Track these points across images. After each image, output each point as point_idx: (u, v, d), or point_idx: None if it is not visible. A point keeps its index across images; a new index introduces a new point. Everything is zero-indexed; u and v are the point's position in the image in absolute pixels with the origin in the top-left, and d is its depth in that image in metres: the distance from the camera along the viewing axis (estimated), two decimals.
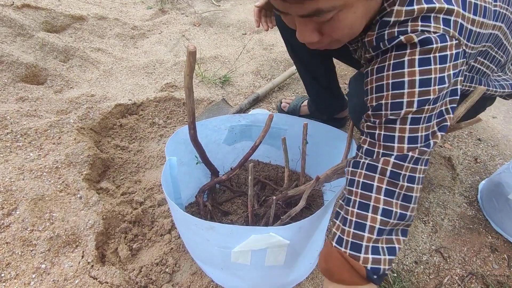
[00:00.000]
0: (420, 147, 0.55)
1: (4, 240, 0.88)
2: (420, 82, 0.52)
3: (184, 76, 0.70)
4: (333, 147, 0.94)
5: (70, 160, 1.10)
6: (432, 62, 0.52)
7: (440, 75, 0.52)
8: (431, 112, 0.55)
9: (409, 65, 0.52)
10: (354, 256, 0.56)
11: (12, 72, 1.47)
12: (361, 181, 0.58)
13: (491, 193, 1.08)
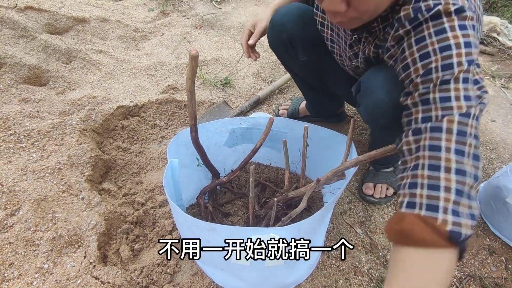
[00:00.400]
0: (477, 105, 0.55)
1: (7, 240, 0.89)
2: (464, 44, 0.56)
3: (186, 80, 0.71)
4: (333, 150, 0.96)
5: (73, 161, 1.11)
6: (468, 28, 0.57)
7: (474, 41, 0.57)
8: (474, 75, 0.58)
9: (451, 30, 0.57)
10: (430, 218, 0.50)
11: (15, 74, 1.49)
12: (427, 144, 0.55)
13: (489, 196, 1.09)
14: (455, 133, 0.53)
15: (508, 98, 1.65)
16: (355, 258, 1.00)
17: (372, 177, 1.17)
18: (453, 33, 0.57)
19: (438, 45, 0.58)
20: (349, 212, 1.13)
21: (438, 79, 0.57)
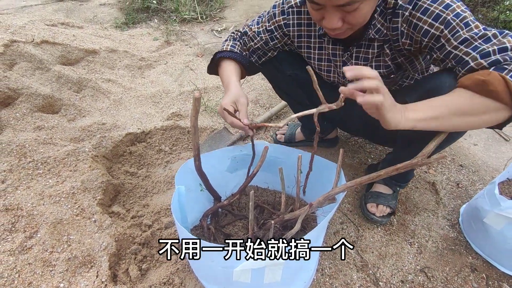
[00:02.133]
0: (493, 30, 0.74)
1: (27, 261, 0.97)
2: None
3: (190, 117, 0.82)
4: (324, 176, 1.05)
5: (85, 186, 1.20)
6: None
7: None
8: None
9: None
10: (511, 80, 0.66)
11: (31, 103, 1.60)
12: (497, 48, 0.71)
13: (469, 217, 1.18)
14: (495, 33, 0.72)
15: None
16: (347, 276, 1.08)
17: (375, 198, 1.25)
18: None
19: (440, 6, 0.76)
20: (342, 232, 1.21)
21: (458, 25, 0.74)
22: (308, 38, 1.05)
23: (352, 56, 0.99)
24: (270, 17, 1.06)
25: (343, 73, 1.05)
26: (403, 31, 0.85)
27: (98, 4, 3.32)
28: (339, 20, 0.77)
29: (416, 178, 1.44)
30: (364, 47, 0.95)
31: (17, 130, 1.49)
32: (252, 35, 1.10)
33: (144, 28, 2.82)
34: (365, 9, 0.76)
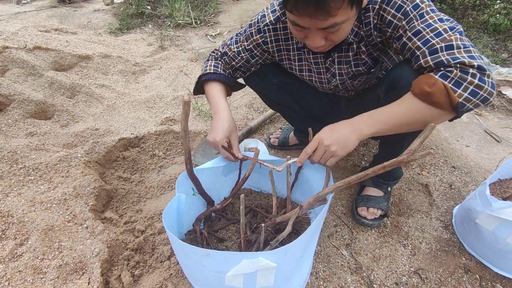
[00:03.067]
0: (450, 22, 0.80)
1: (17, 268, 0.96)
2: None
3: (181, 121, 0.82)
4: (314, 178, 1.06)
5: (78, 192, 1.19)
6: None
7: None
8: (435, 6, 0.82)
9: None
10: (453, 89, 0.73)
11: (23, 109, 1.59)
12: (444, 45, 0.76)
13: (462, 218, 1.19)
14: (451, 34, 0.76)
15: (481, 125, 1.79)
16: (341, 279, 1.07)
17: (366, 202, 1.25)
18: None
19: (400, 1, 0.80)
20: (336, 235, 1.21)
21: (415, 16, 0.79)
22: (287, 51, 1.08)
23: (334, 61, 1.01)
24: (247, 36, 1.08)
25: (328, 79, 1.08)
26: (375, 24, 0.88)
27: (92, 10, 3.33)
28: (321, 39, 0.82)
29: (409, 180, 1.44)
30: (344, 51, 0.98)
31: (8, 136, 1.48)
32: (233, 55, 1.12)
33: (138, 33, 2.83)
34: (347, 27, 0.81)
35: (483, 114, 1.87)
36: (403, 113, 0.80)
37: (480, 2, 2.89)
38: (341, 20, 0.76)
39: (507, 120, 1.82)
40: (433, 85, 0.74)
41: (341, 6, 0.72)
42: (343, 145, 0.84)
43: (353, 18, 0.82)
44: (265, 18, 1.03)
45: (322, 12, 0.72)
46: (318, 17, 0.73)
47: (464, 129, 1.76)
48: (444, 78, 0.74)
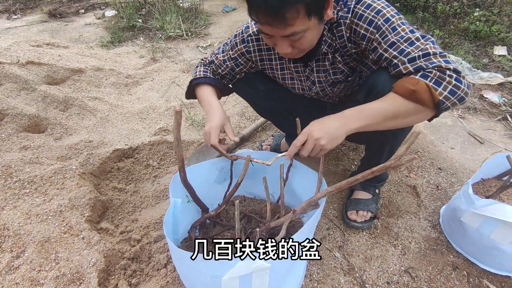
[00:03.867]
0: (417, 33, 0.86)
1: (14, 281, 0.96)
2: (385, 5, 0.87)
3: (173, 130, 0.85)
4: (307, 183, 1.09)
5: (73, 204, 1.20)
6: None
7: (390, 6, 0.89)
8: (405, 19, 0.89)
9: (373, 2, 0.87)
10: (434, 88, 0.79)
11: (16, 123, 1.61)
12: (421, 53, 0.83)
13: (449, 217, 1.23)
14: (423, 41, 0.83)
15: (465, 127, 1.86)
16: (335, 280, 1.10)
17: (355, 205, 1.29)
18: (376, 3, 0.87)
19: (372, 12, 0.86)
20: (328, 238, 1.24)
21: (387, 29, 0.85)
22: (269, 61, 1.13)
23: (313, 70, 1.07)
24: (232, 46, 1.14)
25: (309, 86, 1.13)
26: (348, 37, 0.94)
27: (84, 24, 3.36)
28: (288, 46, 0.88)
29: (398, 182, 1.49)
30: (320, 60, 1.04)
31: (2, 150, 1.49)
32: (219, 63, 1.18)
33: (130, 46, 2.86)
34: (309, 36, 0.86)
35: (466, 117, 1.94)
36: (388, 108, 0.85)
37: (461, 10, 3.01)
38: (300, 29, 0.82)
39: (489, 122, 1.90)
40: (416, 84, 0.80)
41: (297, 16, 0.78)
42: (332, 139, 0.87)
43: (316, 28, 0.87)
44: (249, 29, 1.09)
45: (279, 21, 0.78)
46: (277, 25, 0.80)
47: (449, 132, 1.83)
48: (425, 78, 0.80)
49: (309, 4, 0.78)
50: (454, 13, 2.95)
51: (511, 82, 2.18)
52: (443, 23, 2.86)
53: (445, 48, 2.65)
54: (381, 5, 0.87)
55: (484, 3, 3.12)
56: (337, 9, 0.92)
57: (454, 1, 2.97)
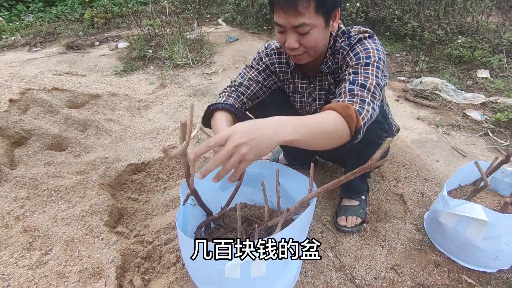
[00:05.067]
0: (380, 80, 1.02)
1: (43, 274, 1.10)
2: (375, 49, 1.05)
3: (180, 139, 1.01)
4: (300, 187, 1.24)
5: (93, 210, 1.36)
6: (377, 43, 1.08)
7: (380, 48, 1.06)
8: (382, 66, 1.04)
9: (368, 44, 1.06)
10: (359, 112, 0.92)
11: (41, 142, 1.79)
12: (359, 86, 0.99)
13: (431, 219, 1.36)
14: (369, 86, 0.99)
15: (449, 142, 2.01)
16: (327, 276, 1.22)
17: (344, 212, 1.43)
18: (369, 45, 1.05)
19: (362, 48, 1.05)
20: (322, 240, 1.37)
21: (363, 61, 1.02)
22: (286, 73, 1.31)
23: (315, 88, 1.24)
24: (259, 59, 1.30)
25: (309, 103, 1.31)
26: (341, 65, 1.13)
27: (98, 55, 3.65)
28: (296, 41, 1.01)
29: (386, 191, 1.63)
30: (323, 80, 1.22)
31: (29, 166, 1.67)
32: (246, 80, 1.28)
33: (141, 74, 3.12)
34: (314, 35, 1.01)
35: (450, 133, 2.10)
36: (323, 124, 0.85)
37: (446, 37, 3.26)
38: (308, 22, 0.96)
39: (472, 138, 2.06)
40: (347, 107, 0.90)
41: (307, 8, 0.94)
42: (256, 150, 0.72)
43: (322, 31, 1.02)
44: (271, 45, 1.28)
45: (292, 9, 0.94)
46: (290, 13, 0.95)
47: (434, 147, 1.98)
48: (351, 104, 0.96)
49: (318, 1, 0.94)
50: (439, 40, 3.19)
51: (492, 102, 2.36)
52: (430, 49, 3.09)
53: (431, 72, 2.86)
54: (373, 47, 1.05)
55: (468, 30, 3.38)
56: (341, 40, 1.11)
57: (439, 29, 3.23)
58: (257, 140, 0.72)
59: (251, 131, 0.72)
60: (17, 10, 4.93)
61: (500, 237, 1.13)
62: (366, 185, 1.48)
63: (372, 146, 1.09)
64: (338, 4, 1.03)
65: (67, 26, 4.65)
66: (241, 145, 0.71)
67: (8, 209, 1.24)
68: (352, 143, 0.95)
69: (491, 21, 3.52)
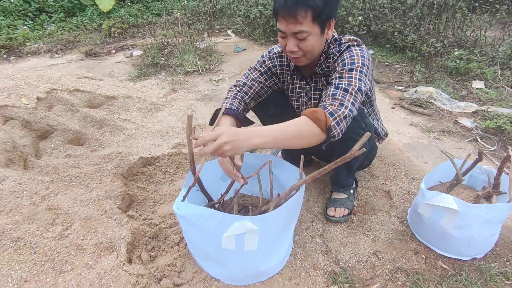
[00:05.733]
0: (364, 85, 1.17)
1: (64, 245, 1.26)
2: (361, 56, 1.20)
3: (186, 130, 1.17)
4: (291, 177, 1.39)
5: (108, 195, 1.52)
6: (364, 51, 1.22)
7: (366, 56, 1.22)
8: (365, 72, 1.18)
9: (355, 51, 1.21)
10: (329, 116, 1.08)
11: (63, 136, 1.99)
12: (341, 91, 1.15)
13: (412, 212, 1.49)
14: (351, 91, 1.14)
15: (438, 147, 2.13)
16: (314, 258, 1.35)
17: (333, 203, 1.57)
18: (355, 52, 1.20)
19: (348, 55, 1.20)
20: (312, 228, 1.50)
21: (347, 66, 1.17)
22: (286, 75, 1.47)
23: (311, 88, 1.40)
24: (262, 62, 1.47)
25: (305, 102, 1.46)
26: (332, 68, 1.29)
27: (114, 62, 3.90)
28: (295, 46, 1.17)
29: (375, 188, 1.76)
30: (316, 81, 1.38)
31: (51, 156, 1.86)
32: (244, 82, 1.46)
33: (153, 79, 3.33)
34: (311, 41, 1.16)
35: (441, 138, 2.23)
36: (289, 130, 1.04)
37: (443, 50, 3.40)
38: (306, 29, 1.12)
39: (461, 143, 2.17)
40: (314, 111, 1.07)
41: (305, 17, 1.10)
42: (234, 148, 0.95)
43: (318, 38, 1.17)
44: (274, 50, 1.45)
45: (292, 18, 1.10)
46: (289, 21, 1.11)
47: (424, 150, 2.10)
48: (324, 109, 1.10)
49: (315, 12, 1.10)
50: (437, 52, 3.33)
51: (484, 110, 2.48)
52: (427, 61, 3.24)
53: (427, 82, 3.00)
54: (358, 54, 1.20)
55: (466, 43, 3.51)
56: (333, 46, 1.27)
57: (437, 42, 3.37)
58: (236, 143, 0.95)
59: (233, 136, 0.95)
60: (40, 19, 5.27)
61: (471, 226, 1.25)
62: (354, 180, 1.62)
63: (351, 142, 1.24)
64: (333, 15, 1.19)
65: (86, 35, 4.95)
66: (226, 142, 0.94)
67: (35, 190, 1.42)
68: (332, 140, 1.12)
69: (489, 35, 3.65)
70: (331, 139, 1.11)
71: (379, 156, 1.96)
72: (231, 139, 0.94)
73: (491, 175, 1.41)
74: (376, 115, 1.60)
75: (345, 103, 1.12)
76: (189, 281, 1.25)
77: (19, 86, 2.03)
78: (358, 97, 1.16)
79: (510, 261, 1.33)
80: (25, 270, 1.15)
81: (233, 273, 1.22)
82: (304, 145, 1.07)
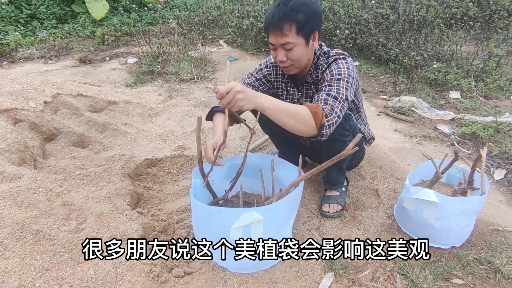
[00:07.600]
0: (350, 94, 1.32)
1: (80, 238, 1.34)
2: (347, 67, 1.35)
3: (196, 130, 1.30)
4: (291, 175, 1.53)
5: (118, 192, 1.61)
6: (349, 63, 1.38)
7: (351, 67, 1.37)
8: (351, 82, 1.34)
9: (341, 63, 1.36)
10: (326, 115, 1.23)
11: (68, 139, 2.06)
12: (332, 98, 1.30)
13: (398, 207, 1.65)
14: (340, 99, 1.29)
15: (420, 150, 2.33)
16: None
17: (327, 200, 1.72)
18: (342, 64, 1.35)
19: (336, 66, 1.35)
20: (308, 223, 1.64)
21: (335, 77, 1.32)
22: (281, 83, 1.62)
23: (302, 95, 1.56)
24: (259, 70, 1.63)
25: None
26: (321, 77, 1.44)
27: (109, 69, 3.98)
28: (284, 56, 1.33)
29: (364, 187, 1.92)
30: (306, 89, 1.54)
31: (58, 158, 1.93)
32: (246, 85, 1.61)
33: (150, 86, 3.43)
34: (297, 51, 1.32)
35: (422, 143, 2.43)
36: (291, 108, 1.19)
37: (423, 63, 3.67)
38: (291, 41, 1.27)
39: (440, 147, 2.38)
40: (317, 107, 1.22)
41: (290, 30, 1.26)
42: (246, 99, 1.09)
43: (303, 49, 1.32)
44: (270, 59, 1.60)
45: (279, 31, 1.26)
46: (277, 34, 1.27)
47: (407, 153, 2.29)
48: (322, 109, 1.24)
49: (298, 26, 1.26)
50: (417, 65, 3.59)
51: (460, 118, 2.71)
52: (409, 72, 3.48)
53: (410, 92, 3.23)
54: (344, 66, 1.35)
55: (443, 57, 3.79)
56: (322, 59, 1.43)
57: (418, 55, 3.63)
58: (247, 95, 1.11)
59: (245, 88, 1.11)
60: (32, 26, 5.28)
61: (449, 217, 1.42)
62: (344, 179, 1.77)
63: (338, 142, 1.43)
64: (316, 28, 1.35)
65: (79, 42, 5.00)
66: (239, 92, 1.09)
67: (50, 187, 1.50)
68: (320, 139, 1.26)
69: (464, 50, 3.96)
70: (319, 137, 1.25)
71: (367, 158, 2.13)
72: (242, 90, 1.08)
73: (466, 173, 1.59)
74: (363, 120, 1.76)
75: (335, 109, 1.28)
76: (198, 270, 1.35)
77: (26, 90, 2.09)
78: (345, 105, 1.32)
79: (483, 249, 1.51)
80: (46, 260, 1.22)
81: (239, 262, 1.34)
82: (295, 129, 1.21)
